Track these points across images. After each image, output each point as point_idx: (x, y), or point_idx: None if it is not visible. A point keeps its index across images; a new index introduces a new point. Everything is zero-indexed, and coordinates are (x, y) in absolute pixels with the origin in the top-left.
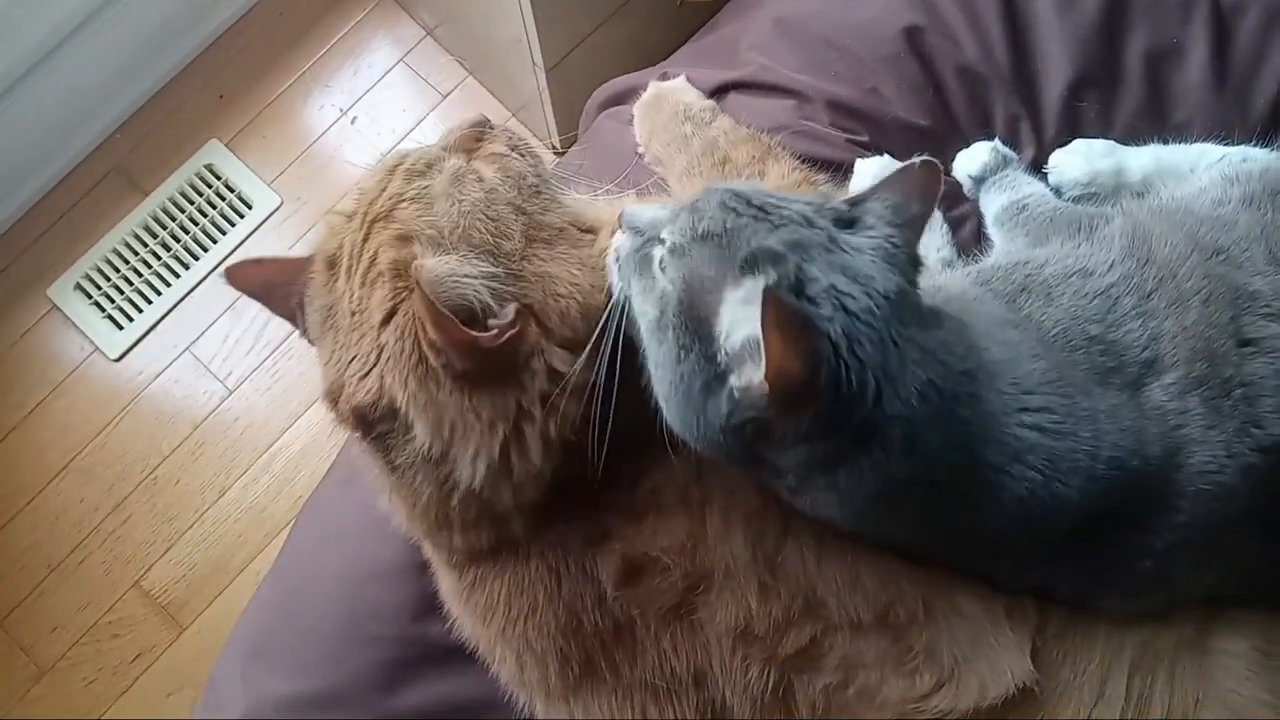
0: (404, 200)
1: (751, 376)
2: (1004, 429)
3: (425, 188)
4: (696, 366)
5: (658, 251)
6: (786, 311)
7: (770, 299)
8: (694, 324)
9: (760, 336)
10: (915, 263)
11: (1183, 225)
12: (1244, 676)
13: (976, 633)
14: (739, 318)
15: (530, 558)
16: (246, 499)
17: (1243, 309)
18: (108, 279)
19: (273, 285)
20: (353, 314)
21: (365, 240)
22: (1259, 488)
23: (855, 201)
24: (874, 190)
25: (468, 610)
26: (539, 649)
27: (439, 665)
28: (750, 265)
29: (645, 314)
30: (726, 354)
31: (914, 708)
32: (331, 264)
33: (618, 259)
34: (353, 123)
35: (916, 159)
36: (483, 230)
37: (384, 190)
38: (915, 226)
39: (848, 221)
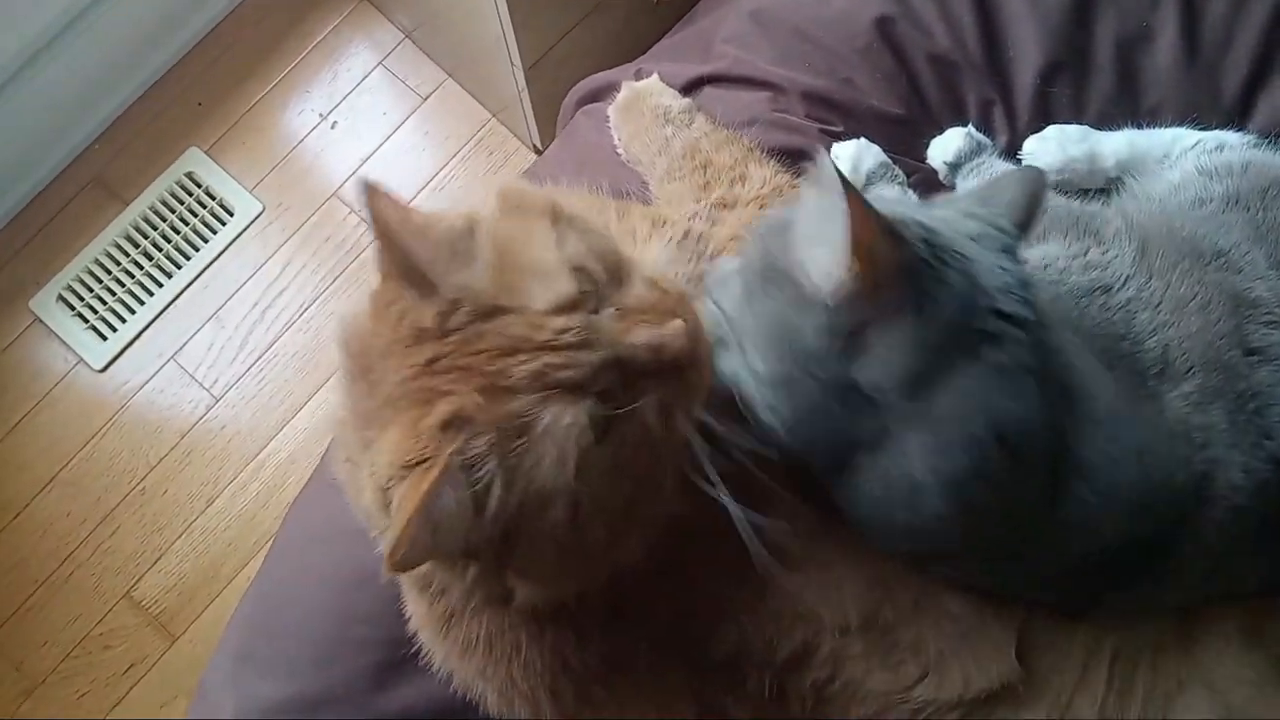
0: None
1: (838, 269)
2: (1082, 420)
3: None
4: (786, 301)
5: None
6: (859, 194)
7: (841, 181)
8: (776, 272)
9: (838, 229)
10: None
11: (1177, 229)
12: (1227, 657)
13: (962, 629)
14: (814, 231)
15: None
16: (235, 507)
17: (1245, 317)
18: (90, 290)
19: None
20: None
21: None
22: (1271, 505)
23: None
24: (966, 191)
25: (444, 645)
26: (526, 688)
27: (429, 666)
28: None
29: (731, 300)
30: (811, 271)
31: (898, 698)
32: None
33: (708, 297)
34: (333, 127)
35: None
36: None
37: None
38: (1012, 213)
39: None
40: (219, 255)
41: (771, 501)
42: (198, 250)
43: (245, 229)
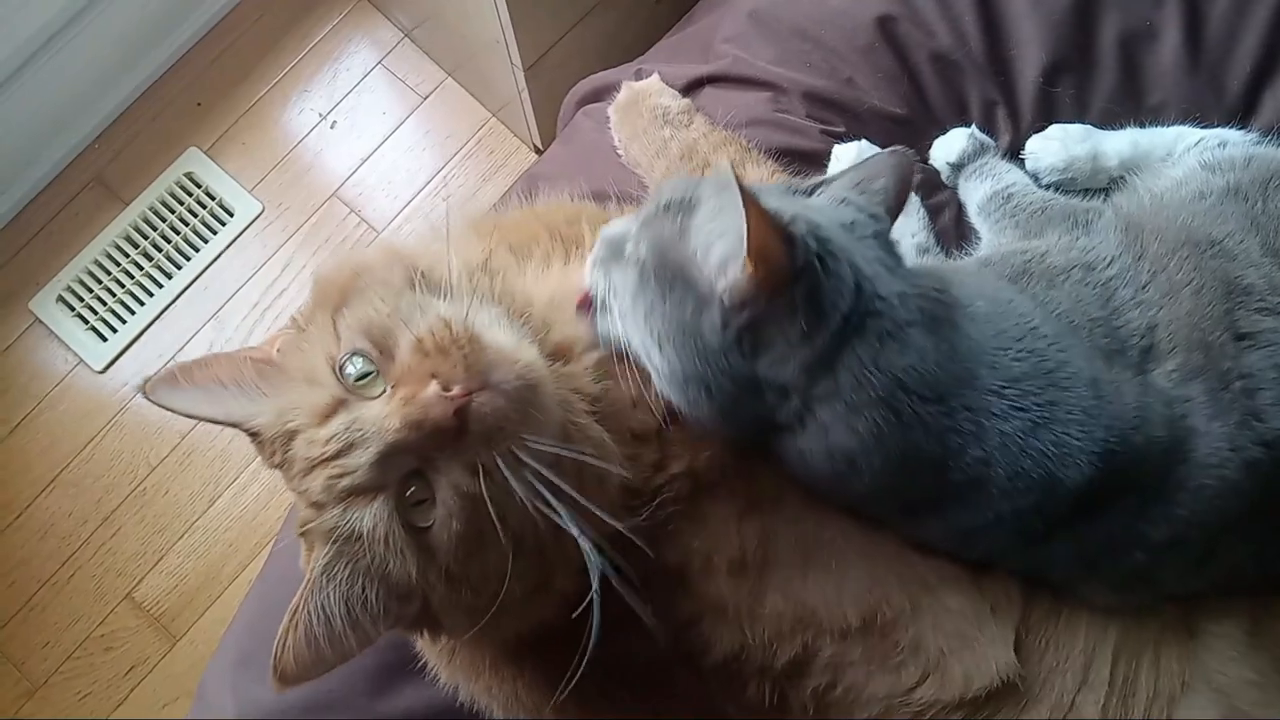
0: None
1: (734, 271)
2: (993, 361)
3: None
4: (683, 300)
5: (629, 243)
6: (753, 195)
7: (738, 185)
8: (671, 269)
9: (734, 233)
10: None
11: (1175, 219)
12: (1230, 657)
13: (961, 626)
14: (711, 231)
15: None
16: (236, 508)
17: (1237, 303)
18: (90, 290)
19: None
20: None
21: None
22: (1260, 486)
23: (819, 182)
24: (840, 173)
25: (449, 669)
26: (530, 704)
27: (424, 668)
28: None
29: (626, 287)
30: (706, 270)
31: (900, 701)
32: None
33: (595, 265)
34: (332, 127)
35: (889, 149)
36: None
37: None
38: (884, 199)
39: (808, 191)
40: (219, 255)
41: (775, 505)
42: (198, 250)
43: (245, 229)
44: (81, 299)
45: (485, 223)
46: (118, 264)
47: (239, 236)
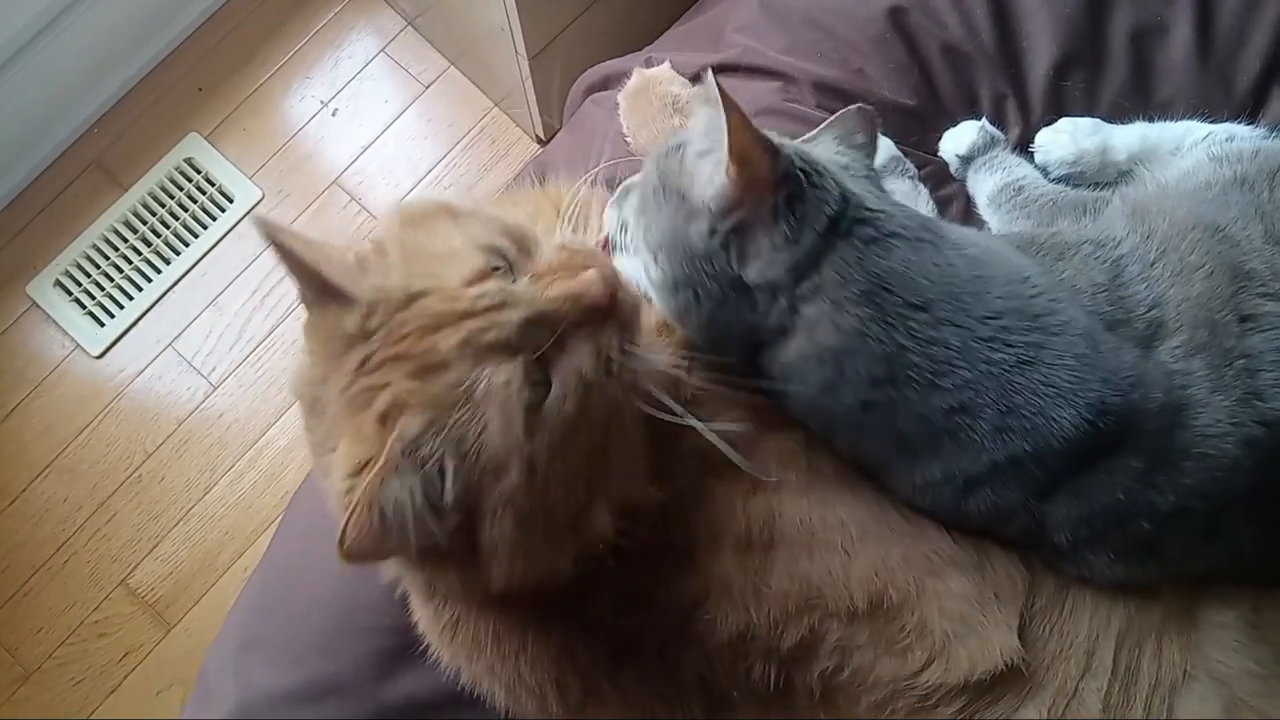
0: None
1: (719, 176)
2: (976, 291)
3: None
4: (676, 210)
5: (640, 175)
6: (736, 105)
7: (722, 96)
8: (669, 187)
9: (719, 141)
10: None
11: (1182, 204)
12: (1231, 647)
13: (965, 610)
14: (700, 146)
15: (513, 600)
16: (233, 495)
17: (1240, 286)
18: (88, 275)
19: None
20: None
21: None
22: (1260, 467)
23: (805, 139)
24: (820, 129)
25: (451, 647)
26: (533, 683)
27: (429, 654)
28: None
29: (632, 213)
30: (698, 184)
31: (905, 684)
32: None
33: (612, 205)
34: (334, 114)
35: (853, 106)
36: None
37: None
38: (867, 154)
39: None
40: (218, 242)
41: (780, 485)
42: (197, 236)
43: (245, 215)
44: (79, 283)
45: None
46: (116, 249)
47: (238, 223)
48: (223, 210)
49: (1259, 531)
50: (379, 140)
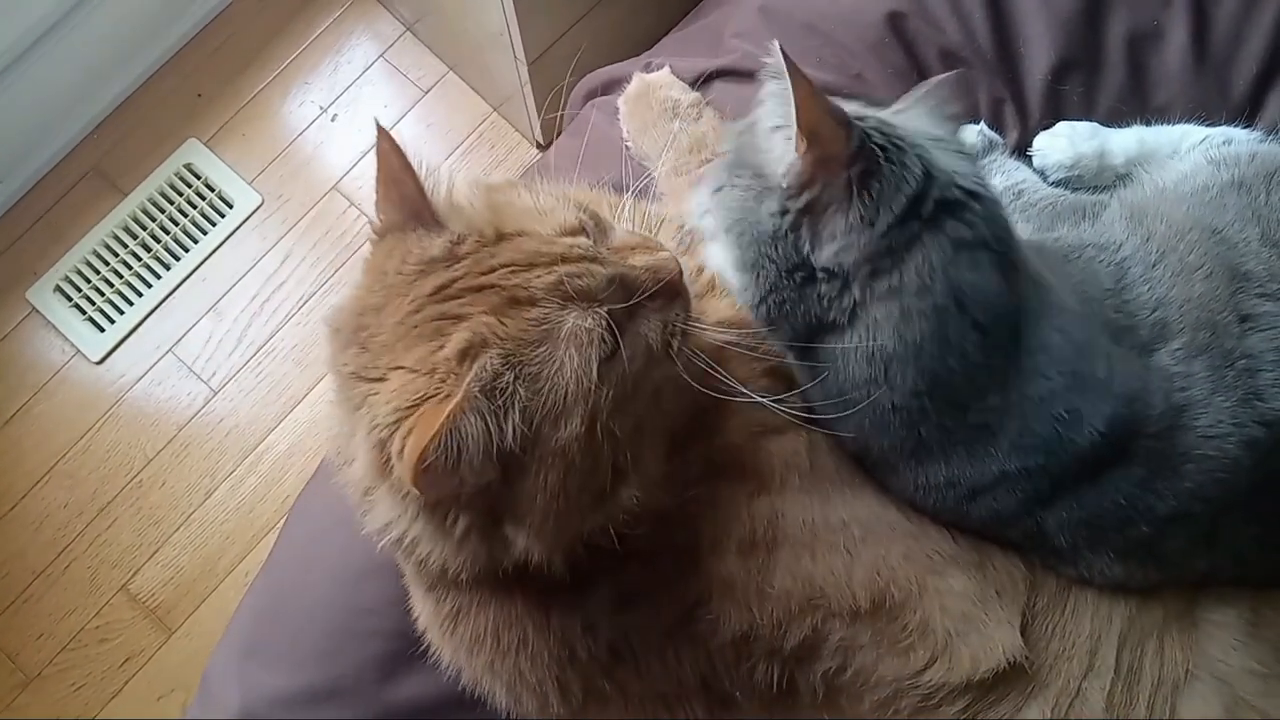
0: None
1: (789, 156)
2: (1032, 327)
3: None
4: (749, 187)
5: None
6: (804, 76)
7: (790, 67)
8: (746, 164)
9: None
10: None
11: (1180, 207)
12: (1231, 646)
13: (967, 608)
14: (772, 122)
15: (514, 592)
16: (233, 500)
17: (1238, 287)
18: (88, 281)
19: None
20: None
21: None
22: (1261, 468)
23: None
24: (914, 99)
25: (451, 642)
26: (534, 681)
27: (431, 657)
28: None
29: (709, 190)
30: (771, 161)
31: (909, 684)
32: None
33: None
34: (333, 120)
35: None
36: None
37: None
38: (958, 122)
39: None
40: (218, 247)
41: (784, 486)
42: (196, 242)
43: (244, 221)
44: (79, 289)
45: None
46: (116, 255)
47: (238, 228)
48: (222, 216)
49: (1261, 532)
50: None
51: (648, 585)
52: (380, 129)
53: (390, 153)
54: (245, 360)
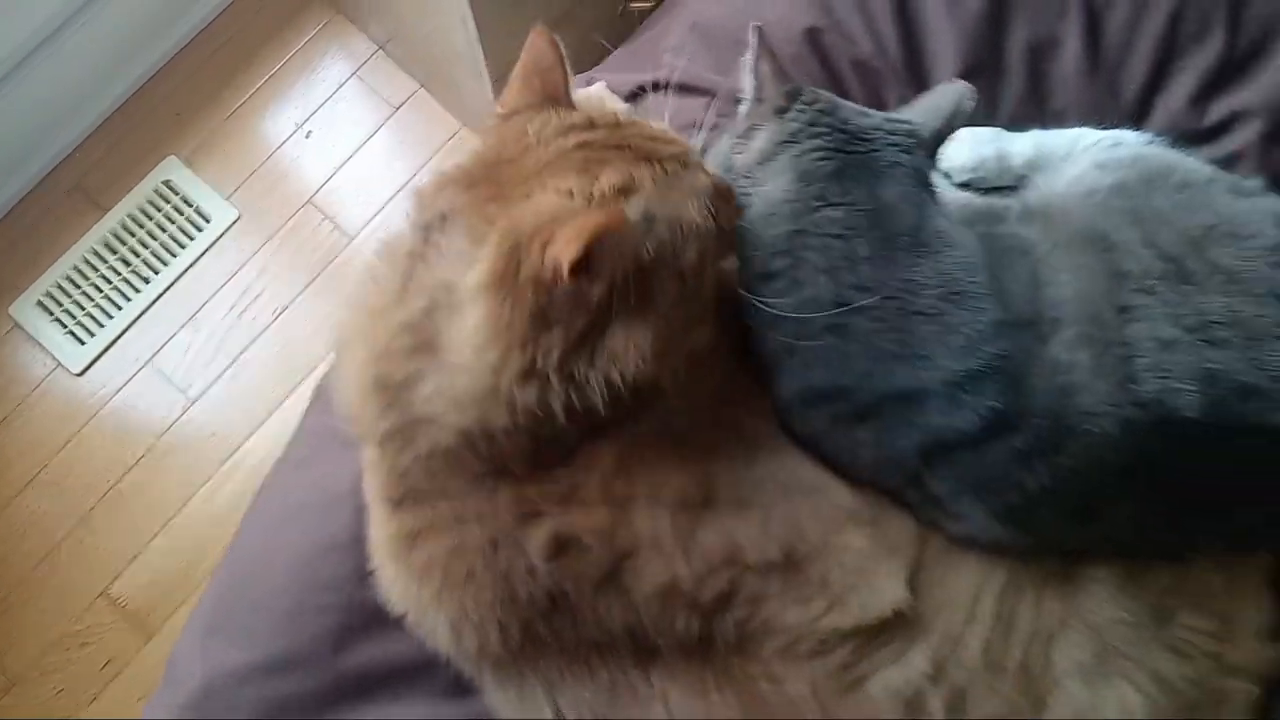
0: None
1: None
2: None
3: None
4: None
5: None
6: (769, 51)
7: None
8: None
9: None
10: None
11: (1070, 211)
12: (1104, 600)
13: (862, 563)
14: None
15: (468, 523)
16: (211, 507)
17: (1118, 284)
18: (69, 295)
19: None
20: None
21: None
22: (1136, 447)
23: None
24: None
25: (403, 568)
26: (476, 619)
27: (383, 627)
28: None
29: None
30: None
31: (808, 630)
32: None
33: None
34: (307, 136)
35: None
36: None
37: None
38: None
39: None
40: (195, 261)
41: (716, 451)
42: (175, 256)
43: (221, 235)
44: (60, 304)
45: None
46: (96, 270)
47: (215, 242)
48: (200, 230)
49: (1136, 511)
50: (352, 160)
51: (583, 533)
52: (542, 31)
53: (546, 46)
54: (222, 370)
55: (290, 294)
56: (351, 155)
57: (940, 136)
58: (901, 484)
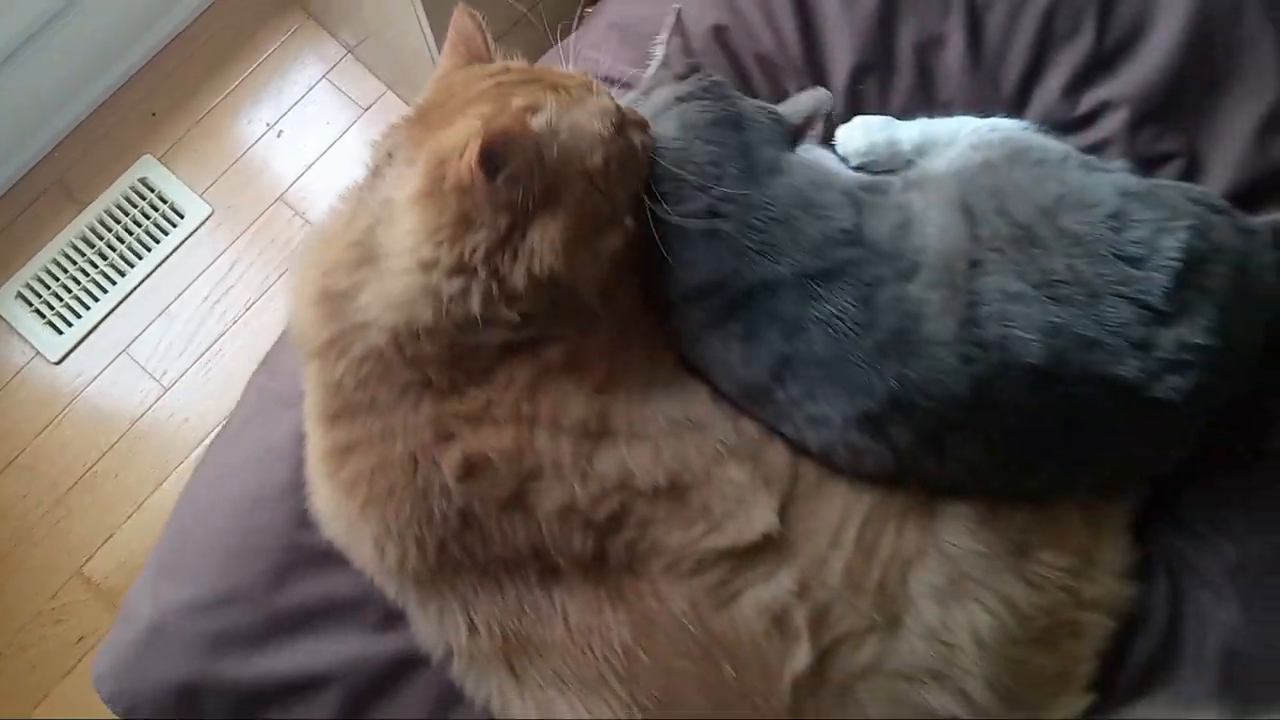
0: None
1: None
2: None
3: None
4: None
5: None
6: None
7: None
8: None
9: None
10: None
11: (943, 184)
12: (963, 532)
13: (740, 493)
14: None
15: (394, 441)
16: (181, 489)
17: (973, 245)
18: (48, 287)
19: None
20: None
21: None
22: (977, 383)
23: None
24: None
25: (335, 483)
26: (395, 533)
27: (318, 566)
28: None
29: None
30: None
31: (689, 551)
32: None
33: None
34: (279, 136)
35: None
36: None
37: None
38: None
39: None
40: (170, 255)
41: (618, 385)
42: (150, 250)
43: (195, 230)
44: (40, 295)
45: None
46: (74, 263)
47: (189, 237)
48: (174, 226)
49: (986, 449)
50: (322, 159)
51: (492, 454)
52: (465, 8)
53: (467, 19)
54: (194, 360)
55: (261, 287)
56: (322, 154)
57: (799, 132)
58: (769, 383)
